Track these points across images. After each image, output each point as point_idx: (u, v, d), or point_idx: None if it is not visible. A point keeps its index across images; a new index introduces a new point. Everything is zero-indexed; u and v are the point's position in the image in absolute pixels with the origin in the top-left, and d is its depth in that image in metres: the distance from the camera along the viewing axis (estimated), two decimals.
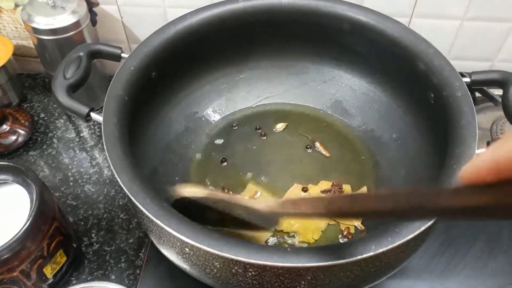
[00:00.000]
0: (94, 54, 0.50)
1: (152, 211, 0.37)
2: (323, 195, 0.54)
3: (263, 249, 0.36)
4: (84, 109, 0.45)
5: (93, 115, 0.45)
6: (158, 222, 0.37)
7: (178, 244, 0.39)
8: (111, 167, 0.40)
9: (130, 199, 0.39)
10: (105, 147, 0.41)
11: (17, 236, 0.43)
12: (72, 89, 0.45)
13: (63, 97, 0.44)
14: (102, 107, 0.71)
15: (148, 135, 0.53)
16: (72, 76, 0.45)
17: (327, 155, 0.59)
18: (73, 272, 0.54)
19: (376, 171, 0.57)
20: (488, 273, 0.52)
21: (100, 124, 0.43)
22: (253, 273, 0.37)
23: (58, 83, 0.45)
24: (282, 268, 0.36)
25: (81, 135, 0.69)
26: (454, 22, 0.64)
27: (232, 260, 0.36)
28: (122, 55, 0.50)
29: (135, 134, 0.47)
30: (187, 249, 0.39)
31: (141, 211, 0.38)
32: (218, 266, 0.38)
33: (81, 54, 0.47)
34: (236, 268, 0.37)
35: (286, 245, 0.51)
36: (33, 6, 0.63)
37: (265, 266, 0.36)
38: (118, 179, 0.39)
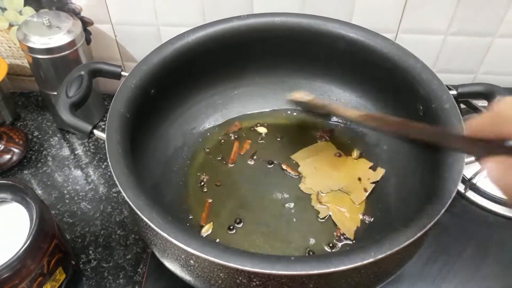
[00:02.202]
0: (95, 73, 0.50)
1: (159, 225, 0.38)
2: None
3: (267, 258, 0.37)
4: (88, 127, 0.45)
5: (96, 132, 0.45)
6: (165, 235, 0.37)
7: (183, 256, 0.40)
8: (117, 183, 0.41)
9: (135, 214, 0.40)
10: (109, 164, 0.42)
11: (17, 254, 0.43)
12: (75, 107, 0.46)
13: (66, 115, 0.45)
14: (97, 123, 0.72)
15: (149, 151, 0.54)
16: (74, 94, 0.46)
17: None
18: None
19: None
20: (480, 278, 0.54)
21: (96, 141, 0.44)
22: (257, 282, 0.38)
23: (61, 102, 0.46)
24: (286, 276, 0.37)
25: (76, 152, 0.69)
26: (438, 37, 0.67)
27: (237, 270, 0.37)
28: (122, 73, 0.51)
29: (136, 150, 0.48)
30: (192, 261, 0.40)
31: (147, 225, 0.39)
32: (223, 277, 0.39)
33: (82, 73, 0.48)
34: (240, 278, 0.38)
35: None
36: (28, 26, 0.63)
37: (269, 275, 0.37)
38: (124, 195, 0.40)
